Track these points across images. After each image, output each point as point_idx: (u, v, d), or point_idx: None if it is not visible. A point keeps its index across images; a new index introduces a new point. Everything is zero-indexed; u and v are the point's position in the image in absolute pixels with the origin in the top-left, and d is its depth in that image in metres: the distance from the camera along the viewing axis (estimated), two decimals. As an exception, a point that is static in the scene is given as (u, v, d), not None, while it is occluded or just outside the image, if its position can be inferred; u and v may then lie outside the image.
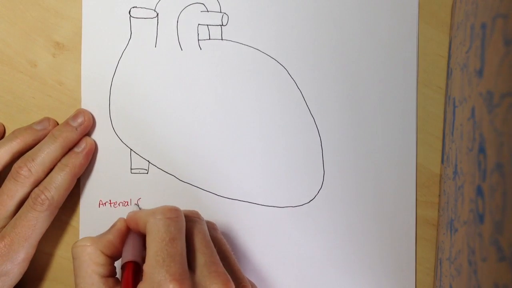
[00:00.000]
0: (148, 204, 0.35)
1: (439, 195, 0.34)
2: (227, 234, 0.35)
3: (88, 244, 0.28)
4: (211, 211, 0.35)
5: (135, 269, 0.27)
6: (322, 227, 0.35)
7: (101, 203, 0.35)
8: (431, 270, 0.35)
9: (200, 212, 0.34)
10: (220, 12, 0.35)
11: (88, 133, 0.35)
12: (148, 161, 0.35)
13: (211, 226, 0.32)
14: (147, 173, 0.35)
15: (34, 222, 0.31)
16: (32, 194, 0.32)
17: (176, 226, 0.27)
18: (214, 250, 0.28)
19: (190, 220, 0.29)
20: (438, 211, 0.34)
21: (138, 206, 0.35)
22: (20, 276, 0.32)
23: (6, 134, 0.35)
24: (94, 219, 0.35)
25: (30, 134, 0.33)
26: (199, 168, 0.35)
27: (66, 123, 0.34)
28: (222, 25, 0.35)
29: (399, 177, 0.34)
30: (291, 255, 0.35)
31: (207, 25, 0.35)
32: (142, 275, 0.27)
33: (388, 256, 0.34)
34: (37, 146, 0.33)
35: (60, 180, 0.32)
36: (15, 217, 0.31)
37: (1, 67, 0.35)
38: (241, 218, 0.35)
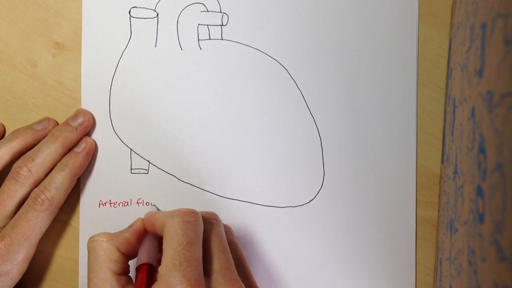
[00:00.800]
0: (149, 204, 0.35)
1: (439, 195, 0.34)
2: (227, 234, 0.35)
3: (105, 240, 0.28)
4: (211, 211, 0.35)
5: (150, 271, 0.27)
6: (322, 227, 0.35)
7: (101, 203, 0.35)
8: (431, 270, 0.35)
9: (200, 212, 0.34)
10: (220, 12, 0.35)
11: (88, 133, 0.35)
12: (148, 161, 0.35)
13: (227, 230, 0.31)
14: (147, 173, 0.35)
15: (34, 222, 0.31)
16: (32, 194, 0.32)
17: (194, 229, 0.27)
18: (230, 255, 0.28)
19: (208, 223, 0.29)
20: (438, 211, 0.34)
21: (156, 207, 0.34)
22: (20, 276, 0.32)
23: (6, 134, 0.35)
24: (94, 219, 0.35)
25: (30, 134, 0.33)
26: (199, 168, 0.35)
27: (66, 123, 0.34)
28: (222, 25, 0.35)
29: (399, 177, 0.34)
30: (291, 255, 0.35)
31: (207, 25, 0.35)
32: (156, 277, 0.26)
33: (388, 256, 0.34)
34: (37, 146, 0.33)
35: (60, 180, 0.32)
36: (15, 217, 0.31)
37: (1, 67, 0.35)
38: (241, 218, 0.35)
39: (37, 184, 0.32)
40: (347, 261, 0.35)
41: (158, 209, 0.34)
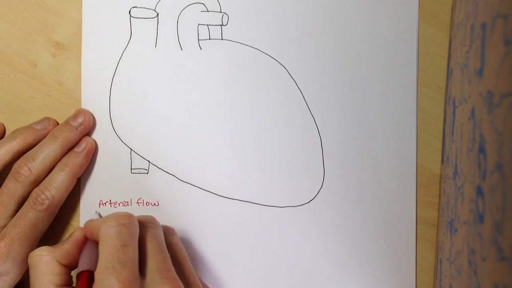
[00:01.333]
0: (149, 204, 0.35)
1: (439, 195, 0.34)
2: (227, 234, 0.35)
3: (45, 254, 0.28)
4: (211, 211, 0.35)
5: (90, 278, 0.27)
6: (322, 227, 0.35)
7: (101, 203, 0.35)
8: (431, 270, 0.35)
9: (200, 212, 0.34)
10: (220, 12, 0.35)
11: (88, 133, 0.35)
12: (148, 161, 0.35)
13: (168, 231, 0.31)
14: (147, 173, 0.35)
15: (35, 222, 0.31)
16: (33, 194, 0.32)
17: (128, 232, 0.27)
18: (167, 255, 0.28)
19: (144, 226, 0.29)
20: (438, 211, 0.34)
21: (99, 214, 0.34)
22: (20, 276, 0.32)
23: (6, 134, 0.35)
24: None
25: (30, 134, 0.33)
26: (199, 168, 0.35)
27: (66, 123, 0.34)
28: (222, 25, 0.35)
29: (399, 177, 0.34)
30: (291, 255, 0.35)
31: (207, 25, 0.35)
32: None
33: (388, 256, 0.34)
34: (37, 146, 0.33)
35: (60, 180, 0.32)
36: (15, 216, 0.31)
37: (1, 67, 0.35)
38: (241, 218, 0.35)
39: (37, 183, 0.32)
40: (347, 261, 0.35)
41: (100, 216, 0.34)
